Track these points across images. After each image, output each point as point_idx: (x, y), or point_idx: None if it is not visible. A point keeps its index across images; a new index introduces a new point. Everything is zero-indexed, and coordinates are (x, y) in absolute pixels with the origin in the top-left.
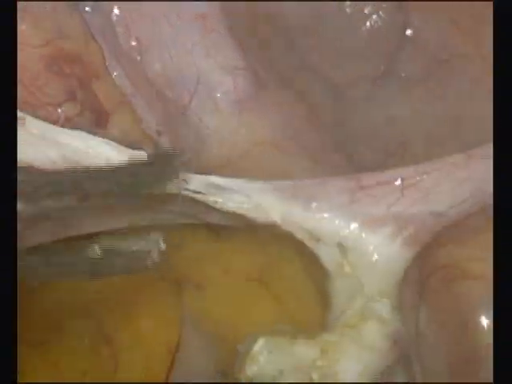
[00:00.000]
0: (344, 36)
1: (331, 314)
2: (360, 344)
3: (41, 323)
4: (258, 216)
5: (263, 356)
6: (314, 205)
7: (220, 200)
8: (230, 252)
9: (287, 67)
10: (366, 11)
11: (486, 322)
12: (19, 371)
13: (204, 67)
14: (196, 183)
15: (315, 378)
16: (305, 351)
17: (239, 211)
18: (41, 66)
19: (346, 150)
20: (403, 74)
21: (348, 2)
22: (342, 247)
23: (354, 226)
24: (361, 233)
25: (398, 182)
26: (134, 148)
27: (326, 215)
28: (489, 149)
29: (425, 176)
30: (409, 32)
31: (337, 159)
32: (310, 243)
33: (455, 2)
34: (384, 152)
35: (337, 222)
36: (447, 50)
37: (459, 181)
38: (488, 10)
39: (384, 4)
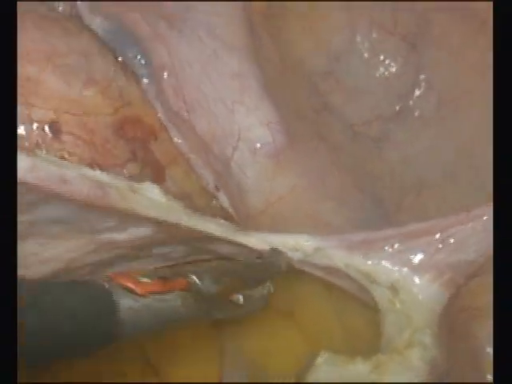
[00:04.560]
0: (361, 79)
1: (382, 342)
2: (405, 366)
3: None
4: (321, 262)
5: (325, 367)
6: (371, 253)
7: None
8: None
9: (311, 110)
10: (381, 56)
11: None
12: None
13: (244, 123)
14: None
15: None
16: (361, 368)
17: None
18: (110, 131)
19: (366, 190)
20: (416, 113)
21: (365, 47)
22: (393, 288)
23: (404, 270)
24: (409, 276)
25: (438, 235)
26: None
27: (381, 262)
28: None
29: (460, 227)
30: (422, 74)
31: (360, 199)
32: (365, 283)
33: (466, 42)
34: (400, 190)
35: (390, 267)
36: (458, 88)
37: (486, 232)
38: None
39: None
